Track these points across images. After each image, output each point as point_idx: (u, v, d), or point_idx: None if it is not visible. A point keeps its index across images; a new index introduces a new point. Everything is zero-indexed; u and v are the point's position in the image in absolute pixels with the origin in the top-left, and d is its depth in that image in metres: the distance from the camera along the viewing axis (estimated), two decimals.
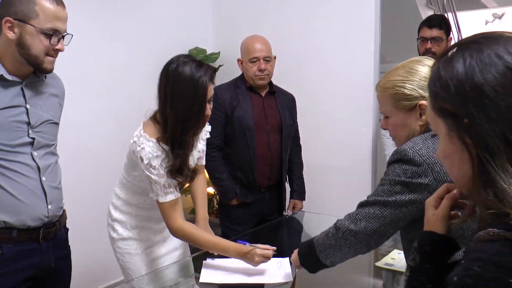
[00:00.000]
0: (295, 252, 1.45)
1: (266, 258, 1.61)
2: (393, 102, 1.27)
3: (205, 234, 1.73)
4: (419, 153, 1.14)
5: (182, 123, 1.61)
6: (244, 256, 1.61)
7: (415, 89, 1.23)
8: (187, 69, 1.59)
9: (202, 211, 1.93)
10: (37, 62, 1.48)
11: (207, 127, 1.87)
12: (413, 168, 1.14)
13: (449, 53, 0.72)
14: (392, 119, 1.31)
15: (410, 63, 1.29)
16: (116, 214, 1.82)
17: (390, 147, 2.95)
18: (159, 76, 1.65)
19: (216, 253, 1.72)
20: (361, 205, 1.26)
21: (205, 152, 1.94)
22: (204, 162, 1.97)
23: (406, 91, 1.24)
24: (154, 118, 1.68)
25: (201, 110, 1.62)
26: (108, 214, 1.86)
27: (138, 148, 1.61)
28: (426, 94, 1.20)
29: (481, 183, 0.67)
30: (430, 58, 1.30)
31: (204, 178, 2.05)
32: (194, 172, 1.79)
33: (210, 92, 1.64)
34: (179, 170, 1.66)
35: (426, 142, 1.17)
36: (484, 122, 0.65)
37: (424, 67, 1.25)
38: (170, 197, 1.64)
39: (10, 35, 1.43)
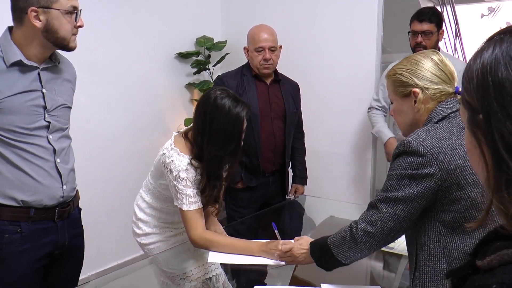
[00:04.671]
0: (305, 253, 1.52)
1: (285, 253, 1.64)
2: (393, 88, 1.35)
3: (224, 237, 1.80)
4: (423, 144, 1.17)
5: (218, 159, 1.68)
6: (265, 251, 1.66)
7: (410, 77, 1.29)
8: (225, 103, 1.65)
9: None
10: (64, 43, 1.54)
11: None
12: (418, 159, 1.17)
13: (484, 44, 0.63)
14: (393, 105, 1.38)
15: (415, 54, 1.34)
16: (140, 214, 1.91)
17: (379, 123, 2.83)
18: (197, 106, 1.71)
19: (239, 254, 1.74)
20: (373, 206, 1.28)
21: None
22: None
23: (403, 78, 1.30)
24: (185, 136, 1.74)
25: (237, 148, 1.70)
26: (133, 213, 1.95)
27: (168, 160, 1.68)
28: (419, 82, 1.28)
29: (501, 184, 0.57)
30: (436, 52, 1.34)
31: None
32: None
33: (244, 127, 1.70)
34: (215, 199, 1.75)
35: (429, 133, 1.20)
36: (506, 119, 0.56)
37: (426, 59, 1.30)
38: (194, 206, 1.70)
39: (38, 23, 1.47)
